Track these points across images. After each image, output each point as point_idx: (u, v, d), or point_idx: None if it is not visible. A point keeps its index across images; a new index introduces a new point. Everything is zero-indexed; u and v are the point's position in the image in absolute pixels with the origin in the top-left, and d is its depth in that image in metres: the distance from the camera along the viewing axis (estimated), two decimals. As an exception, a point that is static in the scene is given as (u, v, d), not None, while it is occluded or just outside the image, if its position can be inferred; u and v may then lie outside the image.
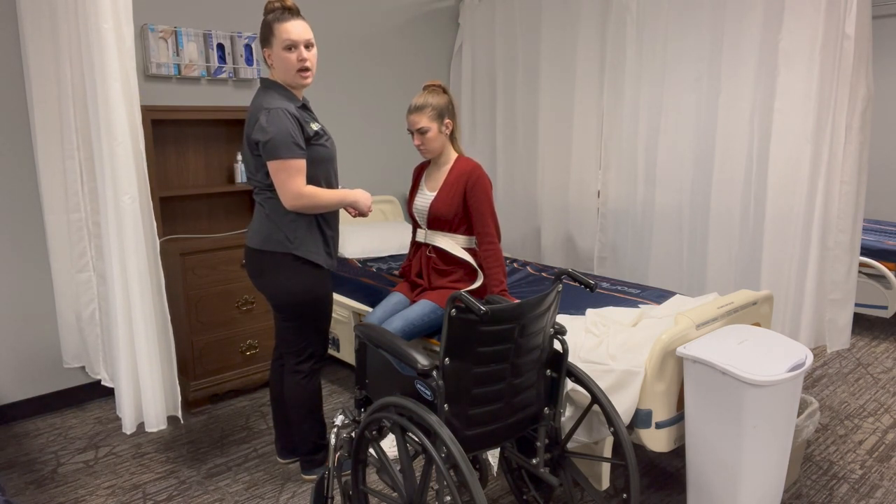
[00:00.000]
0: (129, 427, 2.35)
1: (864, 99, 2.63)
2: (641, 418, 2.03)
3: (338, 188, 2.34)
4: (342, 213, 4.00)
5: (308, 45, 2.12)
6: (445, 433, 1.56)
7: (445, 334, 1.60)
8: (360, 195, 2.26)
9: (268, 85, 2.16)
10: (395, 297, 2.56)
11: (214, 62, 3.34)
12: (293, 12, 2.10)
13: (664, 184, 3.35)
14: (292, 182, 2.06)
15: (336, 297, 3.17)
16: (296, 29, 2.08)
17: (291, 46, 2.08)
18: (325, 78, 3.88)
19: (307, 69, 2.13)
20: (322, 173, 2.19)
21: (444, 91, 2.46)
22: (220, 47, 3.36)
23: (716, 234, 3.14)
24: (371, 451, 1.85)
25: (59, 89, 2.68)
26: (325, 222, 2.23)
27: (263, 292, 2.26)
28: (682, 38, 3.18)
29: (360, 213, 2.29)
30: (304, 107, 2.19)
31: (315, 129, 2.14)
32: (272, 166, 2.06)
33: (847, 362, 3.53)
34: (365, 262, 3.54)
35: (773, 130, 2.83)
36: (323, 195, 2.13)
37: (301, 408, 2.33)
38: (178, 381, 2.46)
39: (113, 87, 2.13)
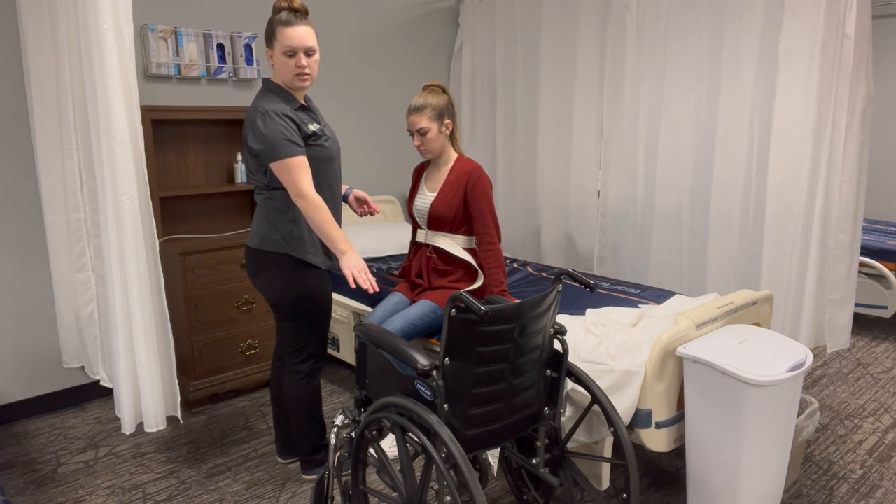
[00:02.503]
0: (128, 427, 2.35)
1: (864, 99, 2.63)
2: (641, 418, 2.03)
3: (341, 190, 2.34)
4: (346, 211, 4.00)
5: (309, 52, 2.10)
6: (445, 433, 1.56)
7: (445, 334, 1.60)
8: (350, 259, 2.04)
9: (268, 86, 2.16)
10: (395, 297, 2.56)
11: (214, 62, 3.34)
12: (300, 14, 2.08)
13: (664, 184, 3.35)
14: (294, 180, 2.04)
15: (336, 297, 3.17)
16: (297, 35, 2.06)
17: (291, 53, 2.08)
18: (325, 78, 3.88)
19: (305, 75, 2.12)
20: (321, 174, 2.19)
21: (444, 91, 2.46)
22: (220, 47, 3.36)
23: (716, 234, 3.14)
24: (371, 451, 1.85)
25: (58, 89, 2.68)
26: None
27: (261, 292, 2.27)
28: (682, 38, 3.18)
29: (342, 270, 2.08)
30: (304, 107, 2.19)
31: (313, 129, 2.14)
32: (275, 168, 2.06)
33: (847, 362, 3.53)
34: (365, 262, 3.54)
35: (773, 130, 2.83)
36: (320, 215, 2.03)
37: (300, 408, 2.33)
38: (177, 382, 2.46)
39: (113, 87, 2.13)
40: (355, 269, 2.03)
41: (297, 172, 2.04)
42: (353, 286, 2.01)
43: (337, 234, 2.06)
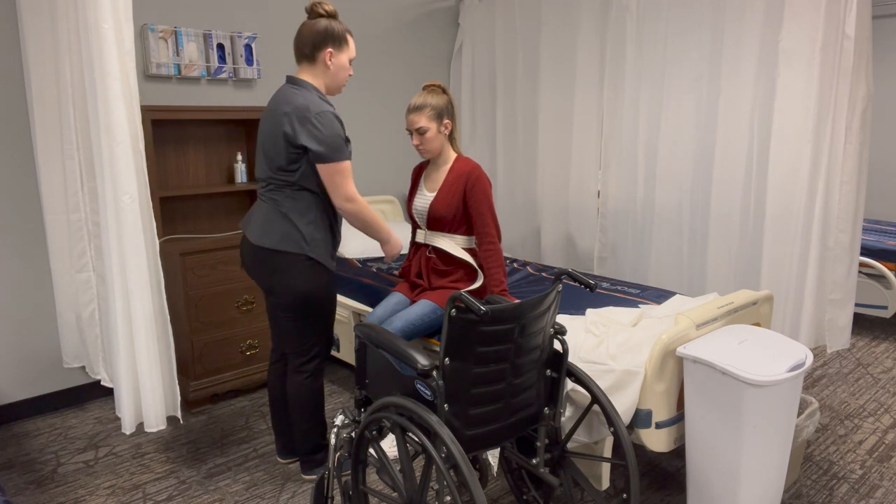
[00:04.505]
0: (128, 427, 2.35)
1: (864, 99, 2.63)
2: (641, 418, 2.03)
3: None
4: None
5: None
6: (445, 433, 1.56)
7: (445, 334, 1.60)
8: (396, 242, 2.34)
9: (307, 86, 2.17)
10: (395, 297, 2.56)
11: (214, 62, 3.34)
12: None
13: (664, 184, 3.35)
14: (346, 183, 2.13)
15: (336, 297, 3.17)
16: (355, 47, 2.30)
17: (351, 61, 2.26)
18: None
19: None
20: None
21: (444, 91, 2.46)
22: (220, 47, 3.36)
23: (716, 234, 3.14)
24: (371, 451, 1.85)
25: (58, 89, 2.68)
26: (336, 225, 2.27)
27: (273, 291, 2.23)
28: (682, 38, 3.18)
29: (387, 254, 2.38)
30: None
31: (346, 134, 2.21)
32: (328, 169, 2.10)
33: (847, 362, 3.53)
34: (365, 262, 3.54)
35: (773, 130, 2.83)
36: (371, 214, 2.22)
37: (304, 407, 2.34)
38: (177, 382, 2.46)
39: (113, 87, 2.13)
40: (396, 249, 2.36)
41: (349, 176, 2.15)
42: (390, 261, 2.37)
43: (385, 226, 2.29)
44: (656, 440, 2.05)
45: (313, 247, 2.18)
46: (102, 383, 2.83)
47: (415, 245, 2.63)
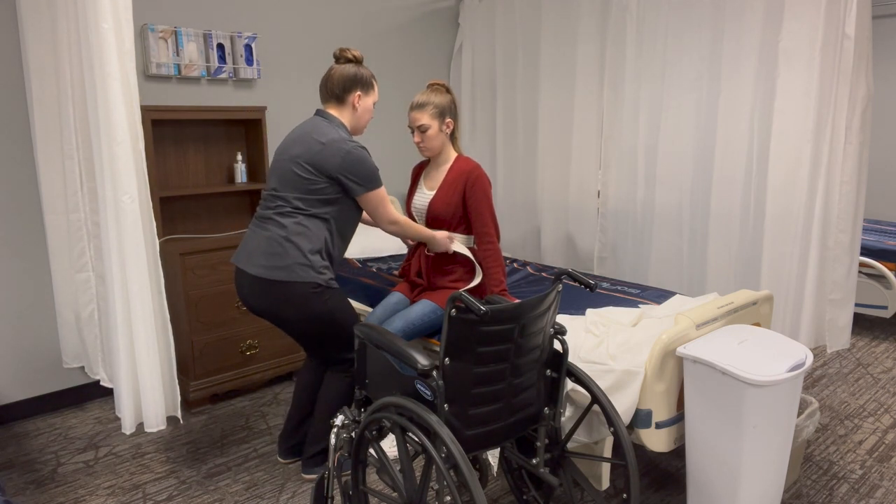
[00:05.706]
0: (128, 427, 2.35)
1: (864, 99, 2.63)
2: (641, 418, 2.03)
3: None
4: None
5: None
6: (445, 433, 1.56)
7: (445, 334, 1.60)
8: (440, 240, 2.42)
9: (333, 119, 2.24)
10: (395, 297, 2.56)
11: (214, 62, 3.34)
12: None
13: (664, 184, 3.35)
14: (387, 209, 2.27)
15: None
16: None
17: (375, 104, 2.40)
18: (325, 78, 3.88)
19: None
20: (357, 211, 2.31)
21: (448, 90, 2.46)
22: (220, 47, 3.36)
23: (716, 234, 3.14)
24: (371, 451, 1.85)
25: (58, 89, 2.68)
26: (334, 256, 2.28)
27: (289, 322, 2.22)
28: (682, 38, 3.18)
29: (437, 251, 2.47)
30: None
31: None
32: (371, 198, 2.22)
33: (847, 362, 3.53)
34: (365, 262, 3.54)
35: (773, 130, 2.83)
36: (411, 227, 2.36)
37: (332, 402, 2.36)
38: (177, 382, 2.46)
39: (113, 87, 2.13)
40: (441, 247, 2.45)
41: (387, 201, 2.28)
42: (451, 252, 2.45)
43: (426, 231, 2.41)
44: (656, 440, 2.05)
45: (320, 273, 2.20)
46: (102, 383, 2.83)
47: (414, 244, 2.63)
